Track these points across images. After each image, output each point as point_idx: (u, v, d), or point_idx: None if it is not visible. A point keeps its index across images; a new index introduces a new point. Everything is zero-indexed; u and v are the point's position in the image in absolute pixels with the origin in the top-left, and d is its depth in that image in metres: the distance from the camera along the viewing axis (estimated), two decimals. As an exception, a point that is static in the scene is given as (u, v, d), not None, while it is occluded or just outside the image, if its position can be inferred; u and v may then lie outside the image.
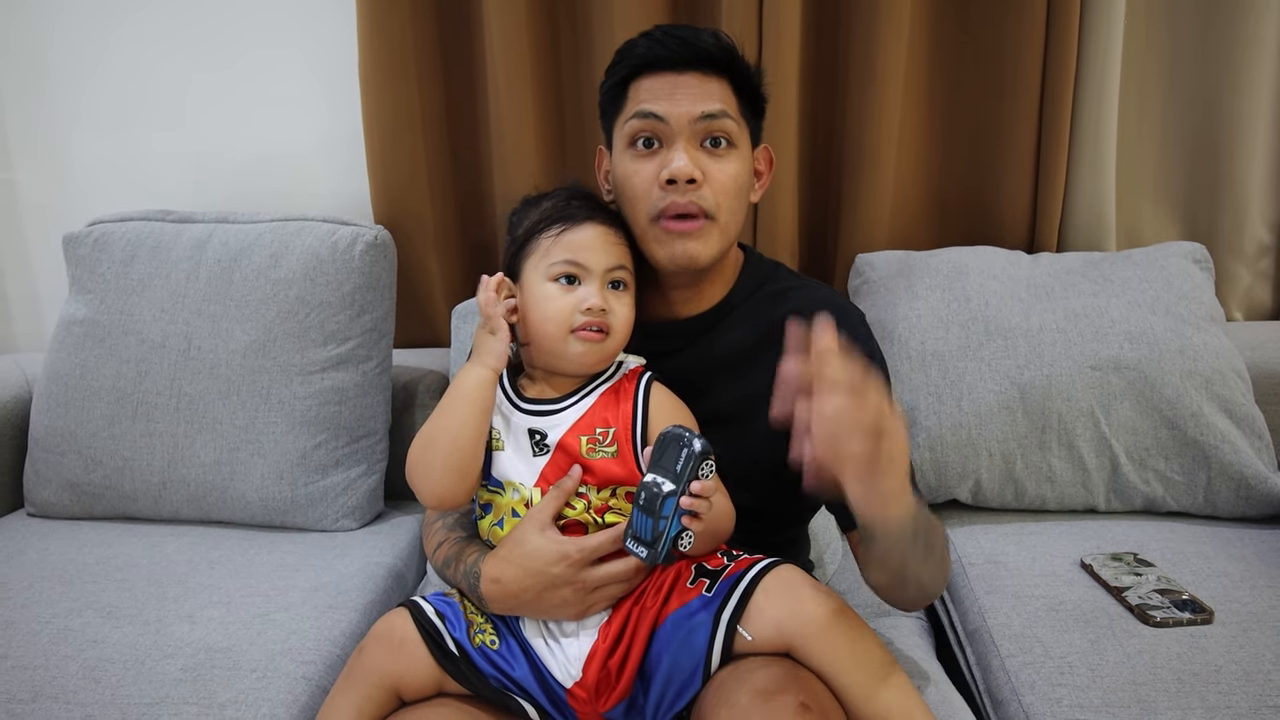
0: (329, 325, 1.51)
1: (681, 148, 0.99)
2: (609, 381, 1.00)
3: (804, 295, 1.10)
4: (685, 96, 0.99)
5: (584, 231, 0.96)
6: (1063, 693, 1.05)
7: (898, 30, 1.63)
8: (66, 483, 1.53)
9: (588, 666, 0.92)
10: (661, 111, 0.99)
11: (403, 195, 1.74)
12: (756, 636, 0.88)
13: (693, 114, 0.99)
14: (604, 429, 0.96)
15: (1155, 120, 1.75)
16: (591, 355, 0.96)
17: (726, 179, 1.01)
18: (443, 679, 0.95)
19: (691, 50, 1.00)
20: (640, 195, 1.00)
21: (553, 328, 0.95)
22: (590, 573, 0.91)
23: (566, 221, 0.96)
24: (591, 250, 0.96)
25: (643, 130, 1.00)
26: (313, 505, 1.50)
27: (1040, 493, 1.46)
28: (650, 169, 1.00)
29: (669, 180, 0.98)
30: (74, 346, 1.55)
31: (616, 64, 1.04)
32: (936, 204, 1.79)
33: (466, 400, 0.95)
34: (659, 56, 1.00)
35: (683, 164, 0.97)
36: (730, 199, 1.01)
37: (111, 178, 1.86)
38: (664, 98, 0.99)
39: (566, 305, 0.95)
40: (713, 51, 1.00)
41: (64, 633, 1.18)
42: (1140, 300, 1.49)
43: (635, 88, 1.02)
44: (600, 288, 0.96)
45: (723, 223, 1.02)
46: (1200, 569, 1.28)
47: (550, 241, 0.96)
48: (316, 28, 1.77)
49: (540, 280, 0.96)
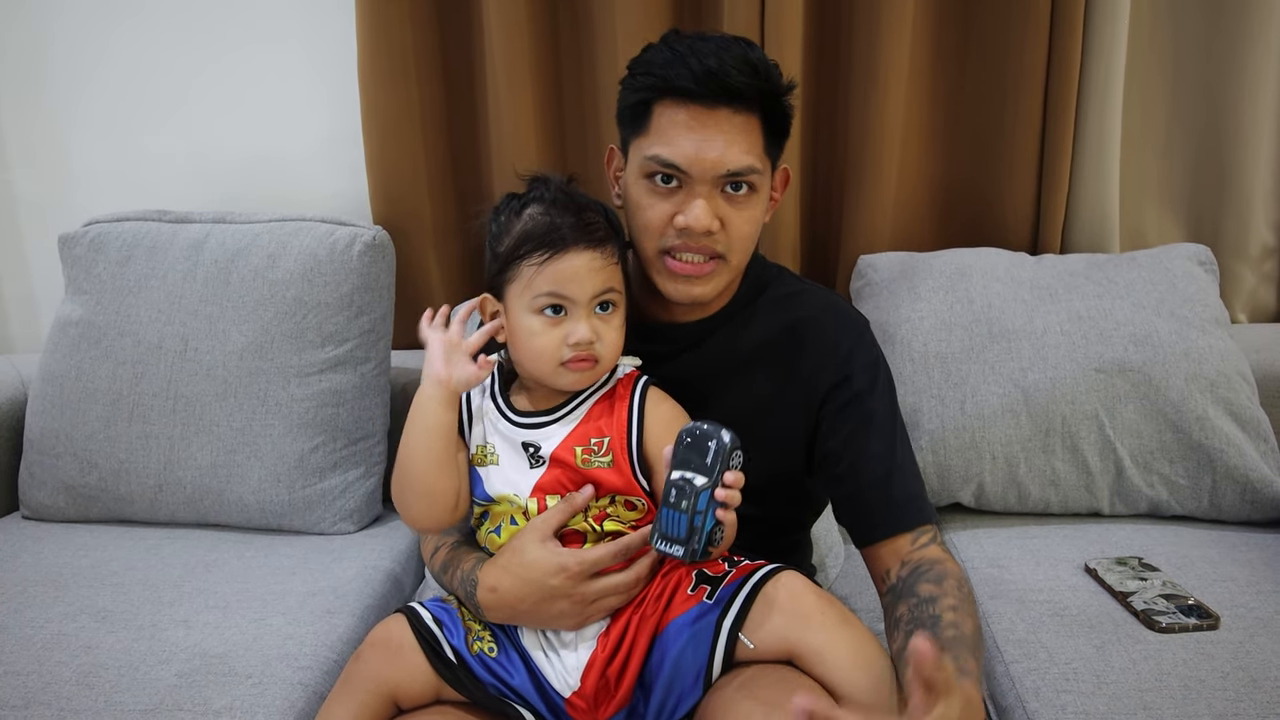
0: (327, 326, 1.50)
1: (702, 196, 0.95)
2: (601, 390, 0.98)
3: (808, 300, 1.09)
4: (712, 145, 0.94)
5: (569, 262, 0.91)
6: (1068, 699, 1.03)
7: (900, 30, 1.62)
8: (61, 485, 1.52)
9: (586, 676, 0.91)
10: (683, 164, 0.95)
11: (401, 196, 1.73)
12: (759, 645, 0.87)
13: (718, 169, 0.95)
14: (598, 439, 0.94)
15: (1159, 121, 1.74)
16: (584, 380, 0.95)
17: (744, 224, 0.98)
18: (440, 686, 0.94)
19: (721, 86, 0.93)
20: (652, 230, 0.98)
21: (543, 363, 0.93)
22: (589, 585, 0.90)
23: (550, 249, 0.91)
24: (577, 281, 0.91)
25: (661, 172, 0.97)
26: (310, 508, 1.48)
27: (1044, 496, 1.45)
28: (666, 208, 0.97)
29: (684, 228, 0.96)
30: (69, 348, 1.53)
31: (639, 73, 0.99)
32: (939, 205, 1.78)
33: (421, 428, 0.93)
34: (687, 89, 0.94)
35: (699, 215, 0.95)
36: (745, 242, 1.00)
37: (108, 177, 1.85)
38: (688, 146, 0.94)
39: (553, 341, 0.92)
40: (740, 87, 0.94)
41: (58, 638, 1.17)
42: (1145, 302, 1.48)
43: (658, 114, 0.96)
44: (587, 317, 0.92)
45: (734, 264, 1.01)
46: (1206, 574, 1.27)
47: (533, 271, 0.91)
48: (315, 27, 1.76)
49: (524, 312, 0.93)
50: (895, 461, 1.01)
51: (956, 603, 0.89)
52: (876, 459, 1.00)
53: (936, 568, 0.94)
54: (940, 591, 0.90)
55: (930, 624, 0.87)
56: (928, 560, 0.95)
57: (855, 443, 1.01)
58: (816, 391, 1.03)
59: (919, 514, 0.99)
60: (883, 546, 0.99)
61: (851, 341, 1.05)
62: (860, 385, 1.02)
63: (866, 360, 1.04)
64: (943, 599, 0.89)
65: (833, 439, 1.02)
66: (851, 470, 1.01)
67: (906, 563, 0.97)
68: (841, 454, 1.01)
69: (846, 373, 1.03)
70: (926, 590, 0.91)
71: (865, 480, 1.00)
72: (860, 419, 1.02)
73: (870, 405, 1.02)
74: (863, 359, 1.04)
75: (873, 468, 1.00)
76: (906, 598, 0.93)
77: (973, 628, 0.88)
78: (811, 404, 1.03)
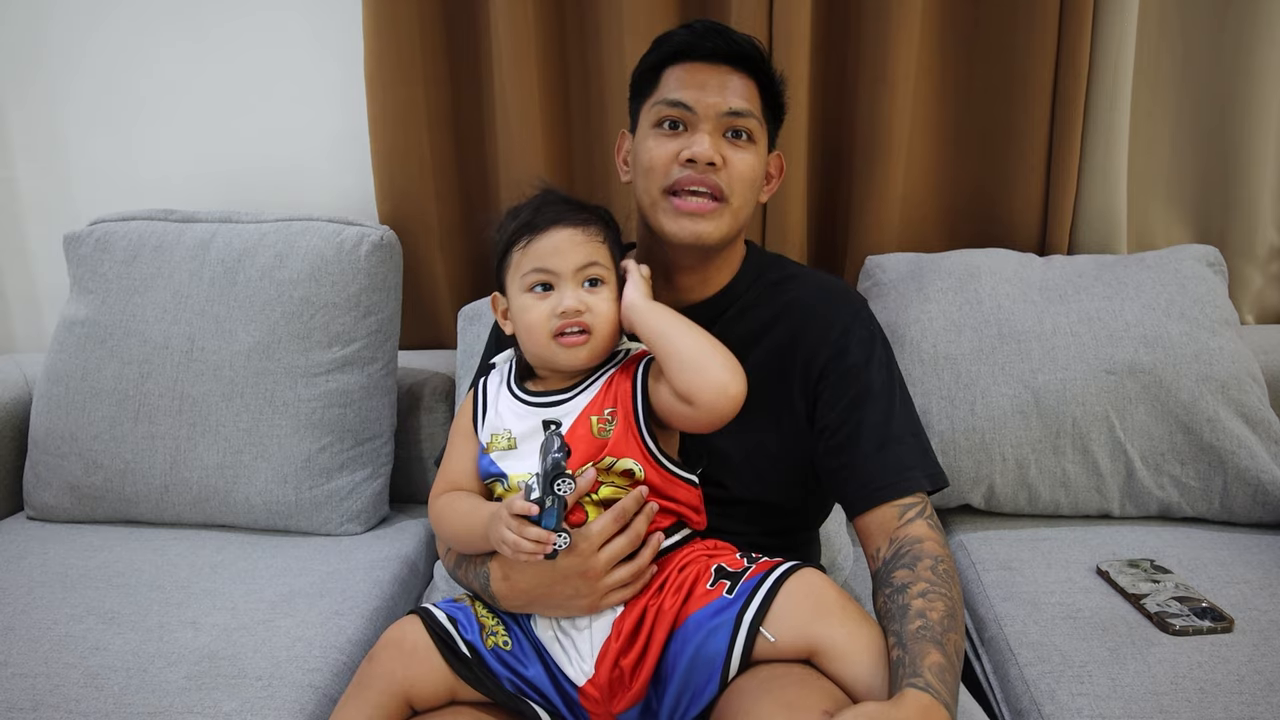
0: (334, 327, 1.49)
1: (706, 133, 1.01)
2: (614, 368, 1.00)
3: (806, 281, 1.11)
4: (715, 89, 1.02)
5: (549, 238, 0.96)
6: (1083, 703, 1.03)
7: (908, 31, 1.61)
8: (67, 485, 1.51)
9: (600, 663, 0.91)
10: (690, 101, 1.02)
11: (408, 195, 1.72)
12: (780, 639, 0.87)
13: (720, 107, 1.02)
14: (610, 408, 0.96)
15: (1167, 122, 1.74)
16: (580, 355, 0.96)
17: (744, 167, 1.03)
18: (455, 686, 0.94)
19: (727, 45, 1.03)
20: (657, 168, 1.02)
21: (537, 335, 0.96)
22: (597, 558, 0.90)
23: (531, 232, 0.97)
24: (558, 254, 0.95)
25: (669, 115, 1.03)
26: (318, 509, 1.48)
27: (1054, 498, 1.45)
28: (672, 146, 1.02)
29: (689, 160, 1.01)
30: (75, 347, 1.53)
31: (653, 50, 1.08)
32: (946, 205, 1.77)
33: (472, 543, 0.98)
34: (695, 46, 1.04)
35: (705, 147, 1.00)
36: (745, 186, 1.04)
37: (113, 176, 1.84)
38: (694, 87, 1.02)
39: (543, 312, 0.95)
40: (747, 50, 1.04)
41: (65, 639, 1.16)
42: (1155, 304, 1.48)
43: (668, 75, 1.05)
44: (574, 289, 0.95)
45: (735, 207, 1.03)
46: (1218, 575, 1.26)
47: (520, 254, 0.97)
48: (322, 26, 1.75)
49: (519, 293, 0.98)
50: (890, 432, 1.01)
51: (928, 586, 0.90)
52: (871, 429, 1.01)
53: (914, 549, 0.94)
54: (912, 577, 0.91)
55: (899, 616, 0.88)
56: (909, 539, 0.96)
57: (852, 415, 1.02)
58: (813, 368, 1.05)
59: (906, 483, 0.99)
60: (870, 519, 0.99)
61: (848, 318, 1.07)
62: (856, 359, 1.04)
63: (863, 335, 1.06)
64: (913, 585, 0.91)
65: (830, 412, 1.03)
66: (847, 441, 1.02)
67: (893, 541, 0.97)
68: (838, 426, 1.02)
69: (843, 346, 1.04)
70: (900, 577, 0.93)
71: (857, 450, 1.01)
72: (857, 390, 1.03)
73: (866, 378, 1.03)
74: (859, 334, 1.06)
75: (867, 437, 1.01)
76: (884, 586, 0.94)
77: (942, 611, 0.88)
78: (810, 380, 1.05)
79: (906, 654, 0.84)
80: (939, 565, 0.93)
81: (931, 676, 0.81)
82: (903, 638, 0.86)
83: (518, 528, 0.86)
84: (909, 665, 0.82)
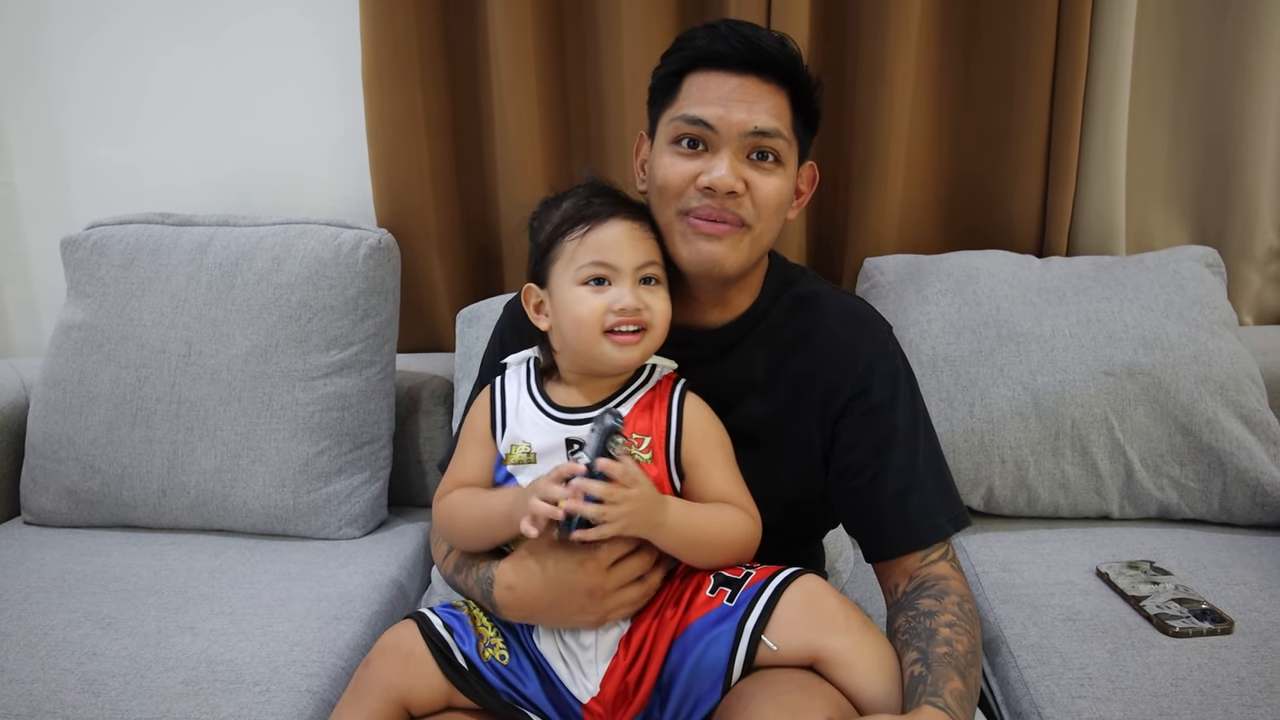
0: (332, 330, 1.49)
1: (727, 157, 0.92)
2: (644, 388, 0.97)
3: (828, 304, 1.05)
4: (740, 104, 0.92)
5: (610, 230, 0.91)
6: (1083, 705, 1.03)
7: (906, 32, 1.61)
8: (64, 490, 1.51)
9: (606, 682, 0.90)
10: (711, 120, 0.93)
11: (406, 198, 1.72)
12: (782, 647, 0.86)
13: (745, 126, 0.92)
14: (640, 435, 0.93)
15: (1165, 123, 1.74)
16: (632, 355, 0.93)
17: (769, 191, 0.95)
18: (451, 693, 0.93)
19: (754, 51, 0.93)
20: (673, 190, 0.94)
21: (586, 331, 0.91)
22: (609, 575, 0.89)
23: (590, 221, 0.91)
24: (618, 249, 0.91)
25: (688, 133, 0.94)
26: (315, 513, 1.47)
27: (1053, 499, 1.45)
28: (689, 168, 0.94)
29: (707, 187, 0.92)
30: (72, 351, 1.52)
31: (673, 52, 0.98)
32: (944, 207, 1.77)
33: (488, 538, 0.96)
34: (718, 52, 0.93)
35: (724, 174, 0.91)
36: (769, 212, 0.95)
37: (110, 180, 1.84)
38: (716, 103, 0.93)
39: (598, 307, 0.90)
40: (776, 57, 0.94)
41: (62, 645, 1.16)
42: (1153, 305, 1.47)
43: (689, 83, 0.95)
44: (632, 286, 0.91)
45: (757, 233, 0.95)
46: (1218, 577, 1.26)
47: (575, 244, 0.92)
48: (319, 29, 1.75)
49: (569, 285, 0.92)
50: (915, 477, 0.98)
51: (955, 619, 0.89)
52: (896, 474, 0.98)
53: (940, 584, 0.94)
54: (940, 607, 0.91)
55: (926, 636, 0.87)
56: (933, 576, 0.96)
57: (876, 458, 0.99)
58: (834, 405, 1.00)
59: (932, 532, 0.98)
60: (893, 564, 0.99)
61: (872, 353, 1.01)
62: (880, 397, 0.99)
63: (887, 371, 1.01)
64: (941, 614, 0.90)
65: (851, 453, 1.00)
66: (870, 485, 0.99)
67: (914, 578, 0.97)
68: (860, 468, 0.99)
69: (866, 384, 0.99)
70: (926, 605, 0.92)
71: (882, 497, 0.98)
72: (881, 433, 0.99)
73: (890, 419, 0.99)
74: (883, 369, 1.01)
75: (891, 483, 0.98)
76: (906, 610, 0.93)
77: (967, 646, 0.87)
78: (829, 417, 1.01)
79: (930, 673, 0.83)
80: (964, 604, 0.92)
81: (951, 700, 0.80)
82: (928, 656, 0.84)
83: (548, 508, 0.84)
84: (930, 684, 0.81)
